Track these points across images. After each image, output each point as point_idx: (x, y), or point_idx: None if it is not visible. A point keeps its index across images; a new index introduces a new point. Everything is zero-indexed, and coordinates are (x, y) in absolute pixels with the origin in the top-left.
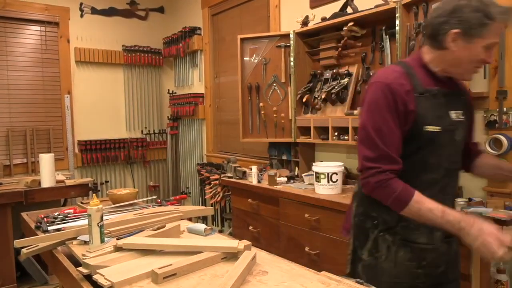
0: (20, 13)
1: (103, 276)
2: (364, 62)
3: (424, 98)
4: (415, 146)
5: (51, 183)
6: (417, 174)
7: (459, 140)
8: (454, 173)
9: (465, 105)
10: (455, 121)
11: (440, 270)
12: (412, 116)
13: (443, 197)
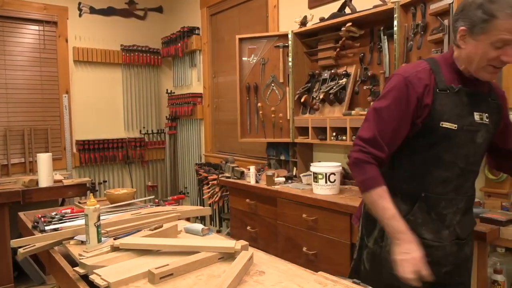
0: (19, 12)
1: (99, 276)
2: (362, 63)
3: (444, 95)
4: (429, 141)
5: (48, 183)
6: (430, 170)
7: (481, 142)
8: (471, 174)
9: (494, 109)
10: (477, 122)
11: (445, 270)
12: (427, 110)
13: (455, 196)
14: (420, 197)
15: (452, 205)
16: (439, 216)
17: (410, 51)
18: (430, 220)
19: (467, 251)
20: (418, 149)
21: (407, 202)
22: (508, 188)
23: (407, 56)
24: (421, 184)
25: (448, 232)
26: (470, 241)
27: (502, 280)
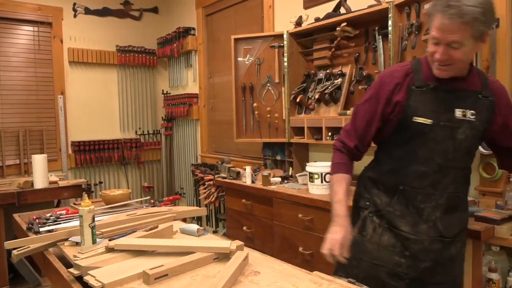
0: (13, 13)
1: (94, 277)
2: (357, 62)
3: (420, 92)
4: (405, 137)
5: (44, 184)
6: (407, 164)
7: (462, 138)
8: (451, 171)
9: (484, 106)
10: (458, 118)
11: (423, 265)
12: (400, 107)
13: (433, 192)
14: (398, 190)
15: (430, 200)
16: (417, 209)
17: (404, 50)
18: (408, 213)
19: (453, 251)
20: (396, 144)
21: (387, 194)
22: (502, 186)
23: (401, 55)
24: (399, 178)
25: (427, 227)
26: (458, 242)
27: (497, 278)
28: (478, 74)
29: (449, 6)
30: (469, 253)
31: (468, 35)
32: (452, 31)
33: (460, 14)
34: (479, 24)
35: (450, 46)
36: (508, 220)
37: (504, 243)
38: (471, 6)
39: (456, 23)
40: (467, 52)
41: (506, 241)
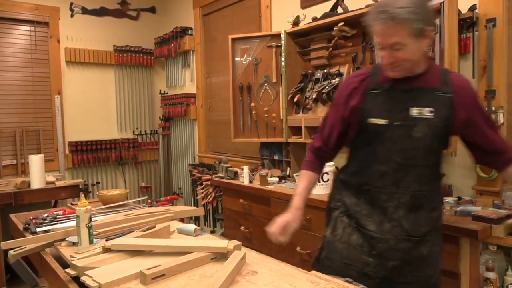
0: (9, 13)
1: (90, 278)
2: (355, 62)
3: (375, 94)
4: (365, 138)
5: (41, 185)
6: (369, 164)
7: (419, 136)
8: (412, 169)
9: (443, 103)
10: (413, 117)
11: (391, 264)
12: (356, 111)
13: (396, 190)
14: (364, 190)
15: (393, 199)
16: (381, 209)
17: None
18: (373, 212)
19: (423, 251)
20: (359, 146)
21: (355, 194)
22: (499, 186)
23: None
24: (364, 178)
25: (391, 226)
26: (429, 242)
27: (494, 278)
28: (439, 71)
29: (381, 12)
30: (466, 252)
31: (405, 35)
32: (389, 35)
33: (392, 17)
34: (413, 23)
35: (393, 49)
36: (505, 219)
37: (501, 243)
38: (400, 8)
39: (390, 26)
40: (412, 51)
41: (503, 241)
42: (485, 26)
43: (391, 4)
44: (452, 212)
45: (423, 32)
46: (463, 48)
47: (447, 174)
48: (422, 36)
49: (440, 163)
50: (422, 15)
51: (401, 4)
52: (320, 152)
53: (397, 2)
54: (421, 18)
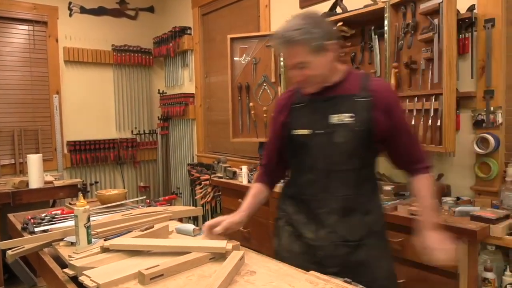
0: (8, 12)
1: (89, 278)
2: (354, 62)
3: (299, 107)
4: (293, 150)
5: (39, 184)
6: (300, 174)
7: (341, 142)
8: (338, 174)
9: (361, 107)
10: (333, 124)
11: (331, 271)
12: (285, 125)
13: (326, 196)
14: (300, 199)
15: (323, 205)
16: (315, 216)
17: (401, 50)
18: (309, 220)
19: (362, 256)
20: (291, 157)
21: (293, 204)
22: (498, 186)
23: (397, 55)
24: (298, 188)
25: (326, 232)
26: (366, 246)
27: (493, 278)
28: (359, 78)
29: (279, 38)
30: (465, 252)
31: (305, 54)
32: (291, 56)
33: (287, 41)
34: (310, 41)
35: (298, 68)
36: (504, 219)
37: (499, 243)
38: (295, 30)
39: (288, 49)
40: (316, 66)
41: (502, 241)
42: (484, 26)
43: (287, 28)
44: (450, 212)
45: (323, 47)
46: (461, 48)
47: (445, 175)
48: (324, 51)
49: (369, 167)
50: (318, 32)
51: (295, 26)
52: (267, 168)
53: (291, 25)
54: (317, 35)
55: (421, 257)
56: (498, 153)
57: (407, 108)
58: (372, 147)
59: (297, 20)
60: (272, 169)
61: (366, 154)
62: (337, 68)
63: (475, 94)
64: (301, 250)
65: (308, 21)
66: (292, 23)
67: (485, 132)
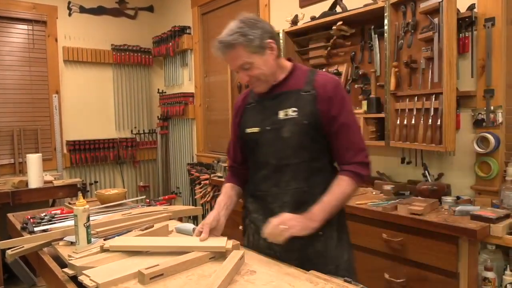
0: (7, 12)
1: (88, 277)
2: (353, 61)
3: (251, 107)
4: (248, 147)
5: (38, 184)
6: (254, 171)
7: (288, 136)
8: (287, 168)
9: (306, 101)
10: (281, 119)
11: (293, 264)
12: (239, 125)
13: (278, 191)
14: (256, 195)
15: (276, 200)
16: (270, 211)
17: (400, 49)
18: (265, 216)
19: (319, 247)
20: (249, 155)
21: (253, 201)
22: (498, 185)
23: (397, 54)
24: (255, 185)
25: None
26: (322, 236)
27: (493, 277)
28: (305, 73)
29: (218, 43)
30: (465, 252)
31: (246, 55)
32: (232, 60)
33: (226, 46)
34: (246, 44)
35: (244, 69)
36: (504, 218)
37: (499, 242)
38: (230, 36)
39: (228, 53)
40: (260, 65)
41: (502, 240)
42: (484, 25)
43: (224, 34)
44: (450, 211)
45: (263, 46)
46: (461, 48)
47: (445, 174)
48: (263, 49)
49: (320, 159)
50: (256, 33)
51: (232, 31)
52: (233, 169)
53: (228, 31)
54: (254, 36)
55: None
56: (498, 152)
57: (407, 107)
58: (320, 140)
59: (233, 25)
60: (238, 170)
61: (315, 147)
62: (282, 66)
63: (475, 93)
64: (266, 246)
65: (244, 24)
66: (229, 28)
67: (485, 131)
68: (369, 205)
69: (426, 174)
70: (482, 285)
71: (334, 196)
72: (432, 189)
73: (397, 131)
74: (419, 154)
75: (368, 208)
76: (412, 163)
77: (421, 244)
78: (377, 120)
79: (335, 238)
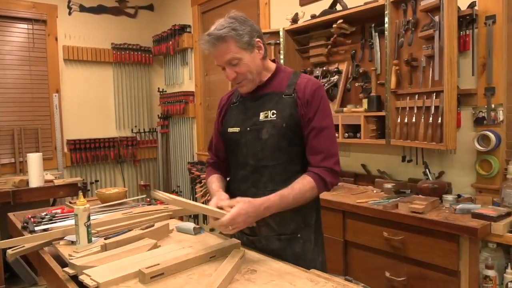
0: (7, 11)
1: (89, 277)
2: (354, 60)
3: (234, 106)
4: (229, 147)
5: (39, 183)
6: (234, 171)
7: (266, 138)
8: (265, 170)
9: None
10: (261, 121)
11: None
12: (222, 124)
13: (256, 192)
14: (236, 195)
15: None
16: None
17: (401, 47)
18: None
19: (297, 249)
20: (228, 154)
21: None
22: (499, 183)
23: (398, 52)
24: (235, 184)
25: (258, 226)
26: (300, 239)
27: (494, 275)
28: (289, 75)
29: (207, 37)
30: (466, 250)
31: (236, 50)
32: (221, 54)
33: (217, 38)
34: (238, 37)
35: (231, 65)
36: (505, 217)
37: (500, 240)
38: (222, 29)
39: (219, 46)
40: (249, 62)
41: (503, 238)
42: (485, 23)
43: (214, 29)
44: (451, 209)
45: (251, 43)
46: (462, 46)
47: (446, 172)
48: (252, 47)
49: (296, 162)
50: (245, 29)
51: (221, 26)
52: (215, 165)
53: (217, 25)
54: (244, 31)
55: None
56: (499, 150)
57: (408, 105)
58: (298, 143)
59: (223, 21)
60: (220, 165)
61: (293, 150)
62: (267, 67)
63: (476, 92)
64: (248, 243)
65: (234, 20)
66: (219, 23)
67: (486, 129)
68: (370, 203)
69: (426, 172)
70: (483, 284)
71: (292, 193)
72: (433, 187)
73: (398, 129)
74: (419, 152)
75: (369, 207)
76: (413, 161)
77: (422, 243)
78: (377, 119)
79: (312, 241)
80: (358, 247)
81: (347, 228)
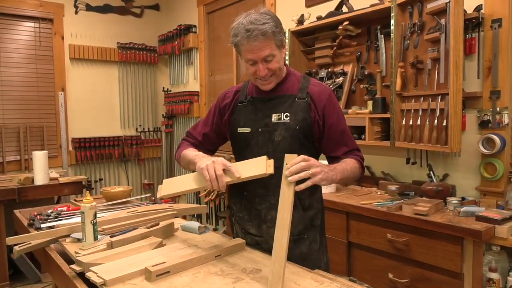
0: (14, 9)
1: (95, 274)
2: (359, 61)
3: (242, 106)
4: (237, 146)
5: (44, 181)
6: None
7: (279, 140)
8: (277, 171)
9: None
10: (274, 123)
11: None
12: (229, 122)
13: (266, 193)
14: (243, 196)
15: (264, 201)
16: (257, 211)
17: (407, 50)
18: (252, 216)
19: (303, 249)
20: (235, 154)
21: (238, 201)
22: (503, 186)
23: (404, 55)
24: (241, 184)
25: (266, 227)
26: (307, 240)
27: (497, 278)
28: (299, 79)
29: (249, 31)
30: (470, 252)
31: (274, 47)
32: (261, 49)
33: (262, 33)
34: (277, 35)
35: (265, 61)
36: (509, 220)
37: (504, 243)
38: (266, 24)
39: (261, 41)
40: (279, 60)
41: (507, 241)
42: (491, 26)
43: (255, 22)
44: (455, 212)
45: (283, 43)
46: (468, 49)
47: (450, 175)
48: (283, 47)
49: None
50: (280, 28)
51: (263, 21)
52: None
53: (259, 20)
54: (280, 30)
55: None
56: (504, 153)
57: (413, 108)
58: (309, 146)
59: (260, 16)
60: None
61: (304, 153)
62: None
63: (481, 95)
64: (253, 245)
65: (270, 16)
66: (257, 17)
67: (491, 132)
68: (374, 205)
69: (431, 174)
70: (486, 286)
71: (348, 166)
72: (437, 189)
73: (403, 131)
74: (424, 154)
75: (373, 208)
76: (417, 163)
77: (426, 245)
78: (382, 121)
79: (318, 242)
80: (362, 248)
81: (351, 229)
